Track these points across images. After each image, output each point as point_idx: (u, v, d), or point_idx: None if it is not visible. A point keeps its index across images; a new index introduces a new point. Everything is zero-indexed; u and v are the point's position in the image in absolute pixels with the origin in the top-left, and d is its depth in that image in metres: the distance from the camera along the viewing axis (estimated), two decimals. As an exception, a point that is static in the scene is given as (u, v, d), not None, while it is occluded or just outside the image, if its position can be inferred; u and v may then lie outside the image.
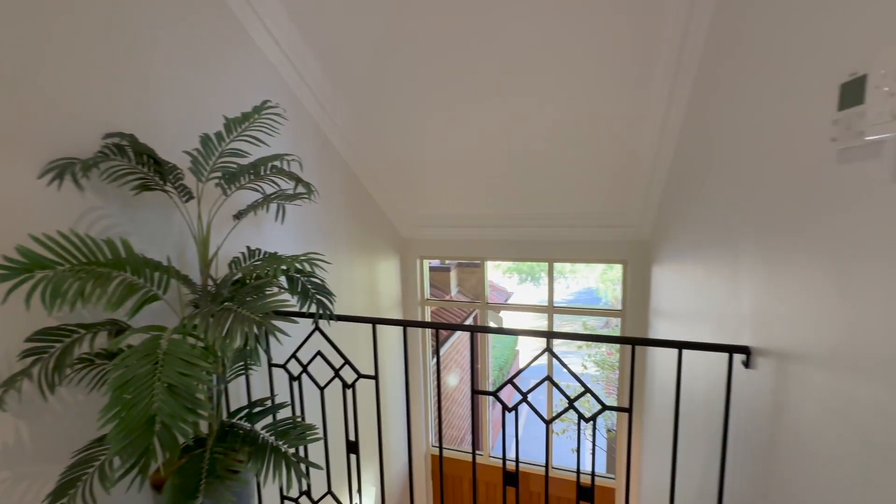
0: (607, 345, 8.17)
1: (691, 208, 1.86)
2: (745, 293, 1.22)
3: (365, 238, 3.05)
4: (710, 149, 1.61)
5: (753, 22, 1.21)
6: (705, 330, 1.61)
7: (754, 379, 1.14)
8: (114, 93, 1.38)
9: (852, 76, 0.70)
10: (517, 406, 1.40)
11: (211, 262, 1.38)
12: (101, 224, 1.34)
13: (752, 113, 1.20)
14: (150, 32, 1.49)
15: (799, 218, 0.92)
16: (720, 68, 1.50)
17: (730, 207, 1.36)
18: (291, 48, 2.06)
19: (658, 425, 2.51)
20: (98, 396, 1.32)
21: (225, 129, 1.34)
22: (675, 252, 2.19)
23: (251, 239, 1.90)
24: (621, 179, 2.62)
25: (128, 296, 1.11)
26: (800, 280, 0.90)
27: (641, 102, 2.07)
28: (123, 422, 0.91)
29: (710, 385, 1.50)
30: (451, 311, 7.25)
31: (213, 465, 1.17)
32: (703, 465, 1.57)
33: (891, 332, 0.64)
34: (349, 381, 1.61)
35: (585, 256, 3.34)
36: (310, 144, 2.36)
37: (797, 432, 0.91)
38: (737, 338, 1.27)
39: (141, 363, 0.97)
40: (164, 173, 1.34)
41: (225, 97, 1.79)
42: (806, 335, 0.88)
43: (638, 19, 1.71)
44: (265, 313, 1.11)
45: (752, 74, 1.21)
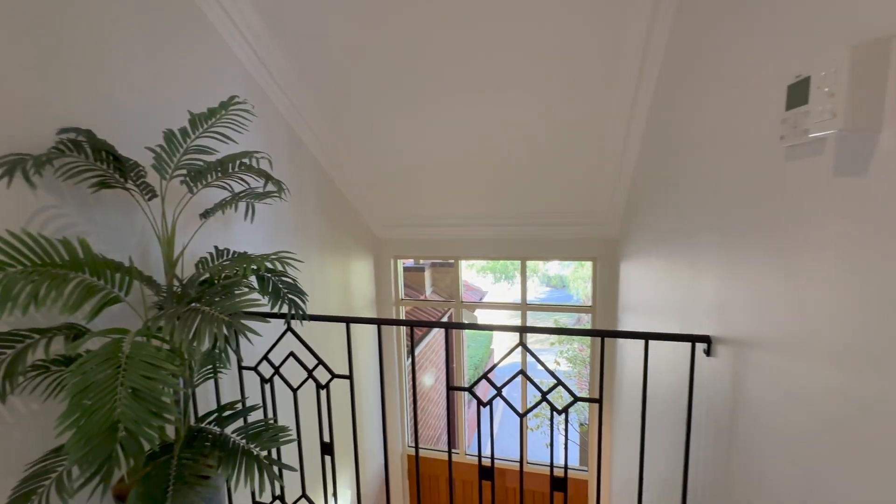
0: (579, 341, 8.36)
1: (655, 206, 1.93)
2: (706, 285, 1.28)
3: (337, 237, 3.02)
4: (671, 149, 1.68)
5: (710, 27, 1.27)
6: (670, 322, 1.67)
7: (715, 366, 1.20)
8: (69, 86, 1.31)
9: (797, 78, 0.75)
10: (492, 401, 1.41)
11: (176, 262, 1.34)
12: (55, 224, 1.28)
13: (709, 113, 1.26)
14: (109, 24, 1.43)
15: (753, 213, 0.97)
16: (679, 71, 1.56)
17: (690, 205, 1.42)
18: (260, 44, 2.01)
19: (627, 417, 2.59)
20: (54, 405, 1.25)
21: (190, 125, 1.30)
22: (641, 249, 2.26)
23: (219, 238, 1.85)
24: (590, 179, 2.69)
25: (86, 298, 1.06)
26: (754, 271, 0.96)
27: (607, 104, 2.14)
28: (82, 429, 0.87)
29: (676, 375, 1.56)
30: (425, 311, 7.25)
31: (180, 472, 1.13)
32: (668, 452, 1.64)
33: (837, 316, 0.69)
34: (323, 382, 1.59)
35: (557, 254, 3.41)
36: (279, 142, 2.31)
37: (754, 415, 0.97)
38: (699, 328, 1.33)
39: (102, 367, 0.93)
40: (124, 170, 1.29)
41: (190, 93, 1.74)
42: (761, 323, 0.93)
43: (603, 23, 1.76)
44: (234, 313, 1.09)
45: (708, 76, 1.27)
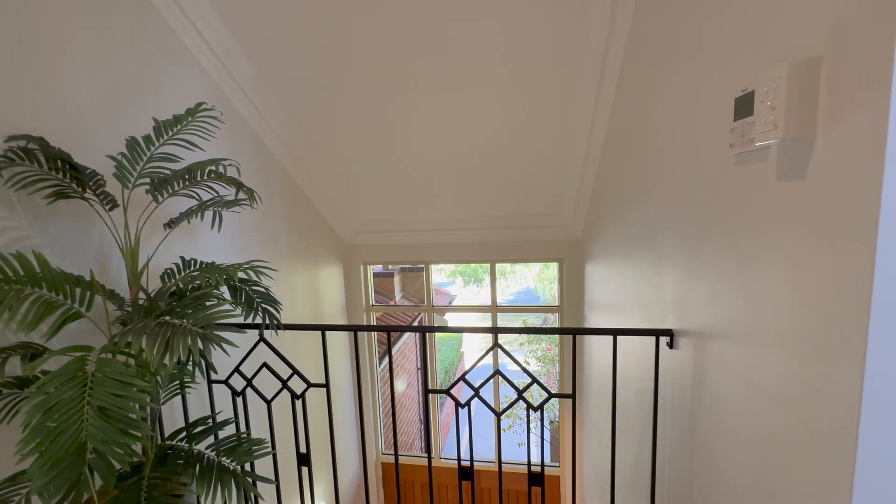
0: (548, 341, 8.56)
1: (618, 207, 2.03)
2: (667, 282, 1.36)
3: (306, 245, 2.97)
4: (631, 152, 1.78)
5: (663, 40, 1.36)
6: (634, 318, 1.76)
7: (678, 358, 1.28)
8: (18, 92, 1.24)
9: (744, 91, 0.82)
10: (470, 402, 1.44)
11: (141, 274, 1.29)
12: (6, 237, 1.20)
13: (665, 118, 1.35)
14: (62, 28, 1.36)
15: (707, 213, 1.05)
16: (637, 79, 1.66)
17: (651, 205, 1.51)
18: (223, 50, 1.97)
19: (596, 412, 2.69)
20: (8, 431, 1.17)
21: (154, 132, 1.26)
22: (605, 249, 2.37)
23: (184, 249, 1.78)
24: (555, 182, 2.79)
25: (45, 315, 1.01)
26: (710, 267, 1.04)
27: (570, 108, 2.23)
28: (47, 453, 0.83)
29: (642, 369, 1.65)
30: (395, 316, 7.20)
31: (151, 492, 1.09)
32: (636, 444, 1.72)
33: (782, 306, 0.76)
34: (298, 392, 1.57)
35: (525, 256, 3.49)
36: (245, 149, 2.26)
37: (713, 401, 1.04)
38: (662, 322, 1.42)
39: (66, 386, 0.89)
40: (82, 180, 1.23)
41: (151, 100, 1.67)
42: (717, 315, 1.01)
43: (565, 28, 1.84)
44: (207, 325, 1.06)
45: (666, 86, 1.36)
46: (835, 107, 0.62)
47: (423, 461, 4.04)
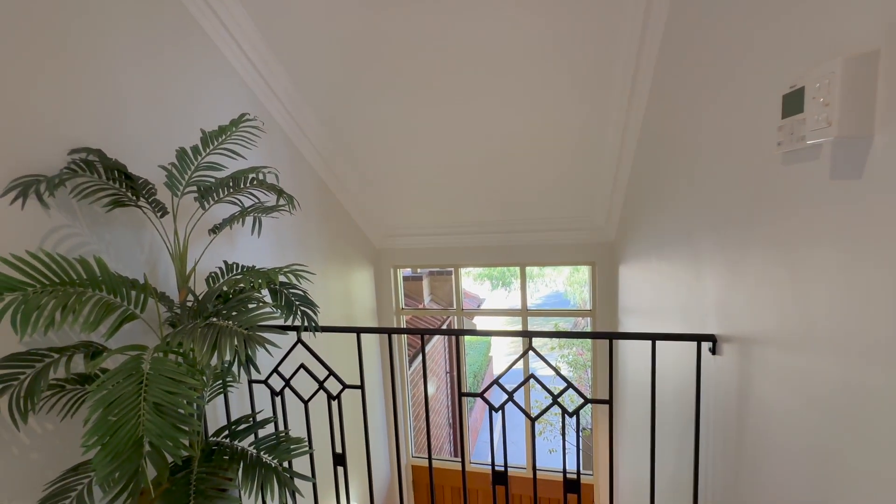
0: (579, 345, 8.40)
1: (654, 210, 1.98)
2: (708, 285, 1.32)
3: (338, 249, 3.03)
4: (667, 153, 1.73)
5: (703, 37, 1.33)
6: (672, 323, 1.71)
7: (721, 364, 1.24)
8: (79, 108, 1.34)
9: (792, 88, 0.79)
10: (503, 405, 1.44)
11: (189, 277, 1.35)
12: (68, 243, 1.29)
13: (705, 118, 1.31)
14: (115, 46, 1.45)
15: (751, 215, 1.02)
16: (674, 79, 1.62)
17: (689, 208, 1.47)
18: (260, 61, 2.05)
19: (630, 419, 2.62)
20: (69, 424, 1.26)
21: (202, 143, 1.32)
22: (639, 252, 2.31)
23: (225, 253, 1.86)
24: (587, 183, 2.75)
25: (105, 316, 1.08)
26: (756, 270, 1.00)
27: (602, 110, 2.19)
28: (108, 445, 0.88)
29: (680, 375, 1.60)
30: (424, 320, 7.25)
31: (200, 486, 1.14)
32: (675, 452, 1.67)
33: (837, 311, 0.73)
34: (334, 393, 1.61)
35: (555, 259, 3.45)
36: (281, 156, 2.34)
37: (761, 410, 1.00)
38: (702, 327, 1.37)
39: (124, 383, 0.94)
40: (136, 189, 1.31)
41: (195, 111, 1.76)
42: (764, 320, 0.97)
43: (598, 28, 1.82)
44: (250, 326, 1.10)
45: (705, 84, 1.32)
46: (895, 102, 0.59)
47: (451, 465, 4.04)
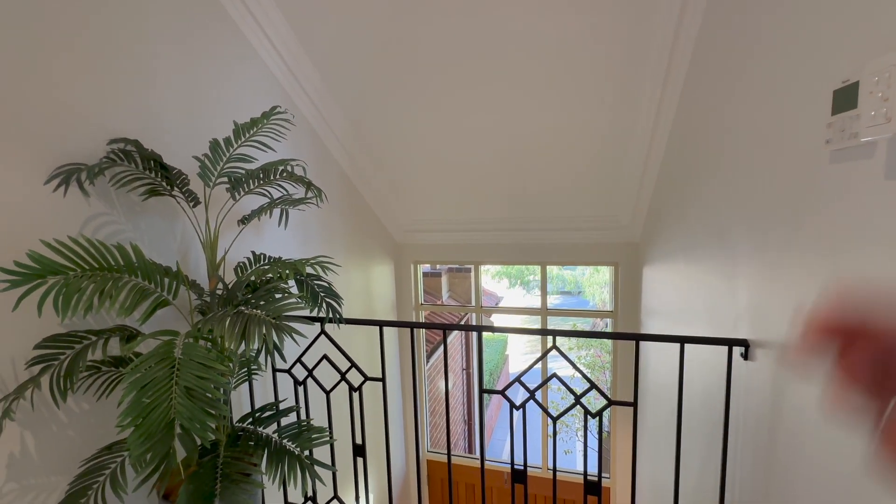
0: (597, 347, 8.29)
1: (683, 210, 1.92)
2: (741, 289, 1.27)
3: (360, 243, 3.06)
4: (701, 153, 1.68)
5: (743, 30, 1.28)
6: (700, 326, 1.66)
7: (752, 370, 1.20)
8: (117, 99, 1.38)
9: (845, 83, 0.75)
10: (524, 404, 1.42)
11: (219, 266, 1.38)
12: (105, 230, 1.33)
13: (744, 117, 1.26)
14: (151, 41, 1.49)
15: (793, 215, 0.97)
16: (710, 73, 1.57)
17: (723, 208, 1.42)
18: (290, 55, 2.07)
19: (651, 422, 2.57)
20: (104, 404, 1.30)
21: (234, 135, 1.35)
22: (666, 253, 2.25)
23: (252, 244, 1.90)
24: (612, 182, 2.69)
25: (140, 301, 1.11)
26: (797, 273, 0.96)
27: (631, 106, 2.14)
28: (142, 426, 0.91)
29: (707, 380, 1.55)
30: (442, 315, 7.26)
31: (226, 470, 1.17)
32: (701, 459, 1.62)
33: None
34: (355, 385, 1.62)
35: (577, 259, 3.40)
36: (307, 150, 2.37)
37: (797, 420, 0.96)
38: (733, 331, 1.33)
39: (157, 367, 0.97)
40: (171, 179, 1.34)
41: (225, 103, 1.80)
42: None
43: (629, 22, 1.78)
44: (277, 316, 1.12)
45: (743, 80, 1.27)
46: (965, 97, 0.56)
47: (466, 461, 4.04)
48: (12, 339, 1.11)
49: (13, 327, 1.11)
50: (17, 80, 1.12)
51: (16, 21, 1.12)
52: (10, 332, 1.10)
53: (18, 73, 1.13)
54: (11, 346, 1.11)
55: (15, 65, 1.12)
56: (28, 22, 1.14)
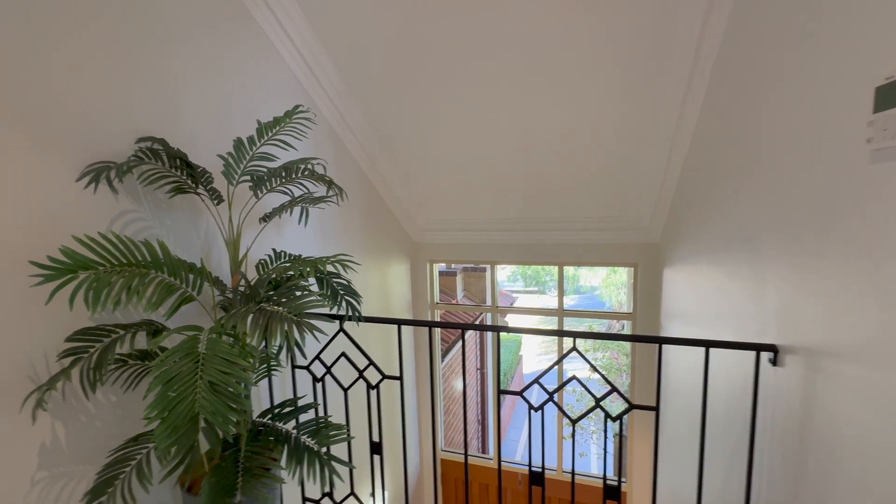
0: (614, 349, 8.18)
1: (708, 211, 1.88)
2: (770, 293, 1.24)
3: (377, 242, 3.08)
4: (726, 151, 1.64)
5: (777, 27, 1.24)
6: (725, 330, 1.62)
7: (781, 376, 1.16)
8: (145, 98, 1.41)
9: (889, 80, 0.72)
10: (543, 406, 1.41)
11: (241, 263, 1.40)
12: (133, 227, 1.37)
13: (776, 117, 1.22)
14: (178, 40, 1.52)
15: (829, 217, 0.94)
16: (739, 72, 1.52)
17: (751, 209, 1.38)
18: (310, 54, 2.09)
19: (670, 427, 2.52)
20: (131, 396, 1.33)
21: (257, 133, 1.37)
22: (689, 254, 2.21)
23: (273, 241, 1.92)
24: (633, 182, 2.65)
25: (166, 297, 1.13)
26: (831, 277, 0.92)
27: (655, 103, 2.10)
28: (166, 420, 0.93)
29: (732, 385, 1.52)
30: (457, 315, 7.26)
31: (247, 464, 1.18)
32: (723, 467, 1.58)
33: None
34: (373, 383, 1.63)
35: (595, 260, 3.36)
36: (327, 149, 2.39)
37: (830, 429, 0.93)
38: (760, 336, 1.29)
39: (182, 362, 0.99)
40: (196, 177, 1.36)
41: (246, 103, 1.82)
42: (839, 331, 0.90)
43: (652, 19, 1.74)
44: (299, 313, 1.13)
45: (771, 75, 1.23)
46: None
47: (479, 461, 4.03)
48: (45, 331, 1.14)
49: (46, 320, 1.14)
50: (53, 82, 1.16)
51: (51, 27, 1.15)
52: (43, 325, 1.14)
53: (54, 75, 1.16)
54: (44, 339, 1.15)
55: (51, 68, 1.15)
56: (63, 27, 1.18)
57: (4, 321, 1.07)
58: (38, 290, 1.07)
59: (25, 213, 1.11)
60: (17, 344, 1.10)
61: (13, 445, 1.09)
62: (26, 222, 1.11)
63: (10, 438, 1.09)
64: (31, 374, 1.12)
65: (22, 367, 1.10)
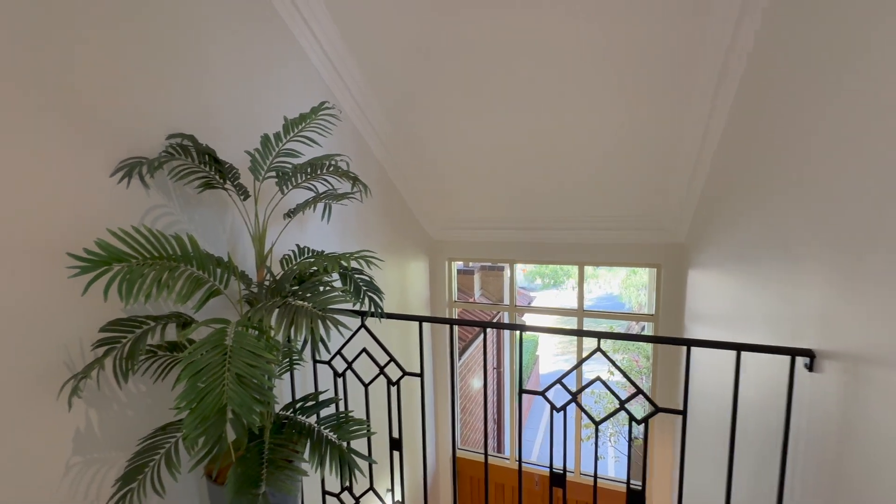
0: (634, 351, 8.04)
1: (739, 212, 1.82)
2: (806, 295, 1.19)
3: (396, 239, 3.09)
4: (761, 150, 1.58)
5: (816, 23, 1.18)
6: (756, 333, 1.57)
7: (818, 383, 1.12)
8: (175, 95, 1.44)
9: (947, 71, 0.68)
10: (565, 406, 1.39)
11: (266, 258, 1.42)
12: (163, 221, 1.40)
13: (818, 117, 1.17)
14: (207, 39, 1.55)
15: (875, 217, 0.90)
16: (773, 73, 1.47)
17: (788, 209, 1.33)
18: (335, 52, 2.11)
19: (691, 432, 2.46)
20: (160, 387, 1.37)
21: (283, 130, 1.38)
22: (718, 255, 2.15)
23: (296, 237, 1.95)
24: (658, 182, 2.59)
25: (195, 290, 1.15)
26: (877, 280, 0.88)
27: (682, 107, 2.05)
28: (195, 411, 0.95)
29: (762, 390, 1.47)
30: (474, 313, 7.25)
31: (272, 456, 1.20)
32: (751, 473, 1.54)
33: None
34: (393, 379, 1.63)
35: (617, 259, 3.30)
36: (349, 146, 2.41)
37: (872, 440, 0.89)
38: (796, 341, 1.24)
39: (209, 355, 1.00)
40: (223, 172, 1.39)
41: (271, 100, 1.85)
42: (885, 336, 0.86)
43: (683, 17, 1.69)
44: (324, 308, 1.14)
45: (814, 75, 1.18)
46: None
47: (495, 461, 4.02)
48: (81, 322, 1.18)
49: (82, 311, 1.18)
50: (90, 81, 1.19)
51: (90, 28, 1.18)
52: (79, 316, 1.18)
53: (91, 74, 1.19)
54: (80, 329, 1.18)
55: (88, 67, 1.18)
56: (101, 29, 1.21)
57: (45, 311, 1.11)
58: (75, 282, 1.10)
59: (64, 207, 1.15)
60: (56, 333, 1.14)
61: (52, 431, 1.13)
62: (65, 216, 1.15)
63: (48, 424, 1.13)
64: (68, 362, 1.16)
65: (59, 356, 1.14)
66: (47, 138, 1.11)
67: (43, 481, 1.13)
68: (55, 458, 1.15)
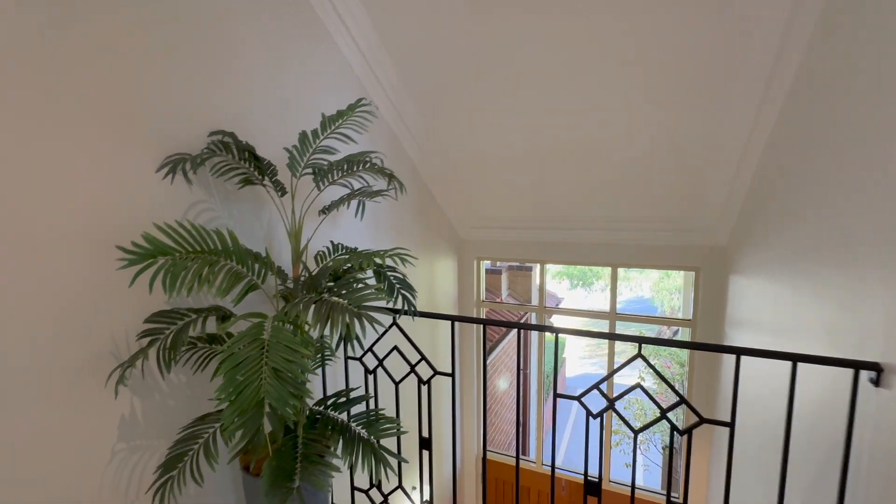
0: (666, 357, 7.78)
1: (790, 214, 1.71)
2: (873, 303, 1.10)
3: (426, 237, 3.08)
4: (818, 154, 1.48)
5: (888, 11, 1.09)
6: (810, 343, 1.47)
7: (885, 400, 1.03)
8: (217, 93, 1.47)
9: None
10: (602, 413, 1.34)
11: (302, 254, 1.44)
12: (204, 216, 1.43)
13: (879, 115, 1.08)
14: (245, 38, 1.57)
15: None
16: (835, 72, 1.37)
17: (849, 212, 1.24)
18: (370, 50, 2.11)
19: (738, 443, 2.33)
20: (199, 378, 1.40)
21: (321, 126, 1.39)
22: (765, 259, 2.03)
23: (328, 233, 1.96)
24: (699, 183, 2.48)
25: (234, 284, 1.17)
26: (963, 290, 0.80)
27: (726, 107, 1.94)
28: (234, 403, 0.96)
29: (814, 403, 1.37)
30: (500, 313, 7.18)
31: (306, 450, 1.21)
32: (803, 491, 1.44)
33: None
34: (424, 378, 1.62)
35: (652, 262, 3.19)
36: (382, 143, 2.41)
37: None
38: (858, 353, 1.15)
39: (248, 348, 1.01)
40: (262, 169, 1.41)
41: (307, 98, 1.87)
42: (972, 353, 0.77)
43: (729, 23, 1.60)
44: (359, 305, 1.14)
45: (884, 73, 1.09)
46: None
47: (521, 464, 3.96)
48: (127, 313, 1.22)
49: (127, 302, 1.22)
50: (136, 80, 1.23)
51: (135, 31, 1.22)
52: (125, 307, 1.22)
53: (137, 73, 1.23)
54: (126, 320, 1.23)
55: (134, 67, 1.22)
56: (145, 30, 1.25)
57: (95, 302, 1.16)
58: (123, 275, 1.14)
59: (114, 202, 1.19)
60: (105, 323, 1.18)
61: (99, 417, 1.18)
62: (114, 211, 1.19)
63: (97, 410, 1.17)
64: (114, 351, 1.20)
65: (107, 345, 1.18)
66: (99, 138, 1.15)
67: (90, 466, 1.17)
68: (102, 443, 1.19)
